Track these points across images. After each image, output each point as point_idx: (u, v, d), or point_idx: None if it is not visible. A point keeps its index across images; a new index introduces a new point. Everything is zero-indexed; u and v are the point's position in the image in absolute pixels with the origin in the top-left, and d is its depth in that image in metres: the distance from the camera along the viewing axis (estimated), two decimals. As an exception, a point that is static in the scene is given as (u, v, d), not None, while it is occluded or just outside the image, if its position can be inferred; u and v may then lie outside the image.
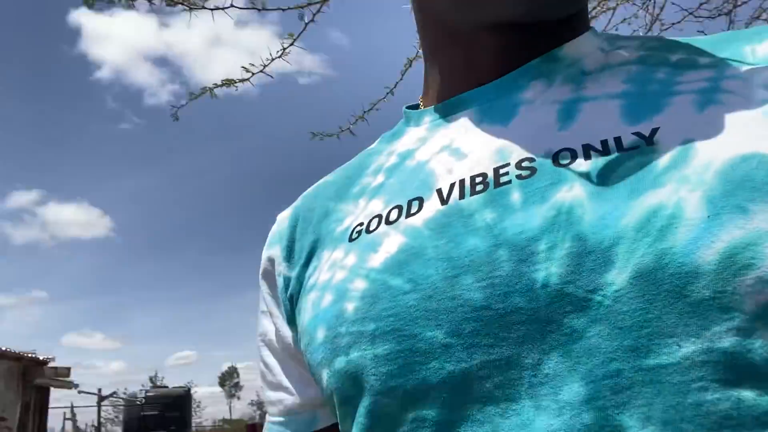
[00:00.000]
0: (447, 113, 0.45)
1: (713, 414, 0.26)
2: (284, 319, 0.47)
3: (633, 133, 0.34)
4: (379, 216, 0.41)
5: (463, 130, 0.43)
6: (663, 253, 0.28)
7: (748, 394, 0.26)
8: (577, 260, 0.30)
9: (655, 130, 0.33)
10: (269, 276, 0.50)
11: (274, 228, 0.52)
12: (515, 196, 0.35)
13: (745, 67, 0.36)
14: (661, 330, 0.28)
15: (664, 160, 0.32)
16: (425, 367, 0.32)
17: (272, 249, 0.50)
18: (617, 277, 0.29)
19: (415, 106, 0.51)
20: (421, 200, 0.39)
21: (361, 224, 0.42)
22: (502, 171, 0.37)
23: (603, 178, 0.32)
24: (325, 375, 0.38)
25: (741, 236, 0.27)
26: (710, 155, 0.31)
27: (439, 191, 0.38)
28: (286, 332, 0.47)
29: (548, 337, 0.30)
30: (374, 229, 0.40)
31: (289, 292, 0.46)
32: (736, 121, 0.33)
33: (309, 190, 0.53)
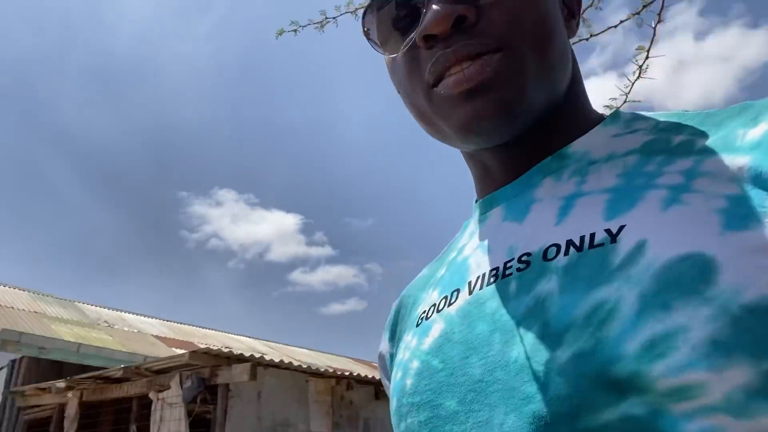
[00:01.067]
0: (485, 209, 0.55)
1: None
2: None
3: (605, 230, 0.40)
4: (434, 305, 0.52)
5: (493, 228, 0.52)
6: (598, 341, 0.35)
7: None
8: (540, 342, 0.38)
9: (622, 227, 0.40)
10: (381, 358, 0.64)
11: (389, 315, 0.65)
12: (513, 286, 0.43)
13: (726, 157, 0.41)
14: (587, 402, 0.35)
15: (618, 259, 0.38)
16: (444, 429, 0.43)
17: (384, 333, 0.65)
18: (562, 355, 0.36)
19: None
20: (458, 291, 0.49)
21: (424, 312, 0.53)
22: (508, 265, 0.45)
23: (572, 273, 0.40)
24: None
25: (660, 330, 0.33)
26: (655, 255, 0.36)
27: (469, 283, 0.49)
28: None
29: (509, 401, 0.38)
30: (430, 317, 0.51)
31: (392, 366, 0.60)
32: (688, 222, 0.38)
33: (413, 281, 0.65)
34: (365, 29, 0.53)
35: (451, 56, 0.46)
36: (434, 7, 0.46)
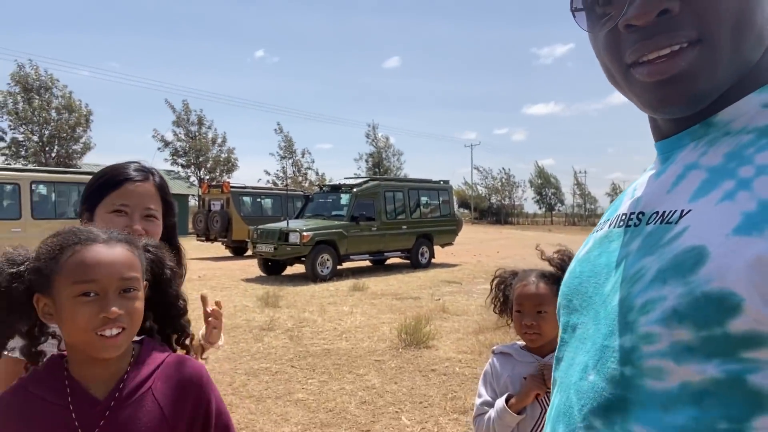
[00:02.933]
0: (657, 153, 0.64)
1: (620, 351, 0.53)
2: None
3: (680, 210, 0.52)
4: (600, 224, 0.68)
5: (647, 175, 0.63)
6: (629, 293, 0.53)
7: (628, 369, 0.51)
8: (616, 284, 0.56)
9: (688, 212, 0.51)
10: None
11: None
12: (627, 236, 0.59)
13: None
14: (615, 331, 0.54)
15: (667, 237, 0.52)
16: (570, 316, 0.65)
17: None
18: (615, 297, 0.55)
19: None
20: (608, 222, 0.65)
21: (596, 226, 0.69)
22: (631, 216, 0.60)
23: (646, 240, 0.55)
24: None
25: (652, 295, 0.50)
26: (682, 241, 0.50)
27: (615, 218, 0.64)
28: None
29: (595, 318, 0.59)
30: (593, 233, 0.68)
31: None
32: (719, 218, 0.48)
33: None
34: (572, 7, 0.58)
35: (651, 46, 0.51)
36: None
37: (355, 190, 13.18)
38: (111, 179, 1.30)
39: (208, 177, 33.26)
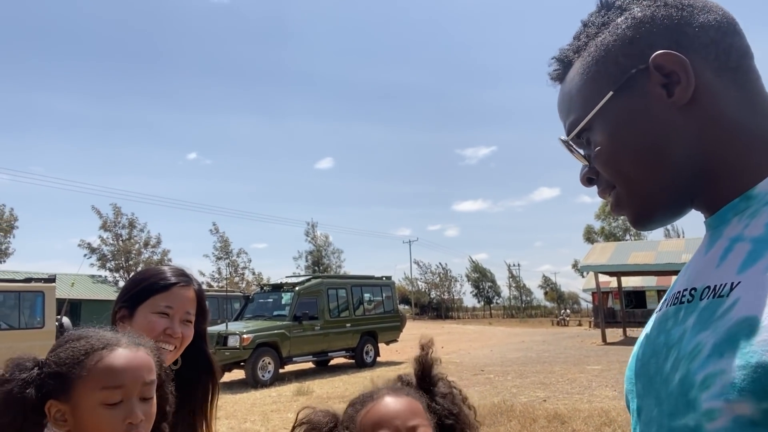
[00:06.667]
0: (705, 229, 0.67)
1: None
2: None
3: (730, 283, 0.54)
4: (662, 303, 0.69)
5: (697, 252, 0.67)
6: (688, 370, 0.53)
7: None
8: (675, 362, 0.56)
9: (738, 284, 0.53)
10: None
11: None
12: (681, 313, 0.60)
13: None
14: (678, 410, 0.54)
15: (720, 311, 0.53)
16: (635, 399, 0.66)
17: None
18: (676, 375, 0.56)
19: None
20: (667, 300, 0.67)
21: (660, 304, 0.70)
22: (684, 293, 0.62)
23: (701, 315, 0.56)
24: None
25: (711, 370, 0.50)
26: (736, 313, 0.51)
27: (670, 298, 0.66)
28: None
29: (658, 397, 0.59)
30: (658, 310, 0.69)
31: None
32: None
33: None
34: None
35: (600, 195, 0.72)
36: (581, 171, 0.71)
37: (297, 288, 12.97)
38: (158, 282, 1.37)
39: (138, 281, 31.64)
